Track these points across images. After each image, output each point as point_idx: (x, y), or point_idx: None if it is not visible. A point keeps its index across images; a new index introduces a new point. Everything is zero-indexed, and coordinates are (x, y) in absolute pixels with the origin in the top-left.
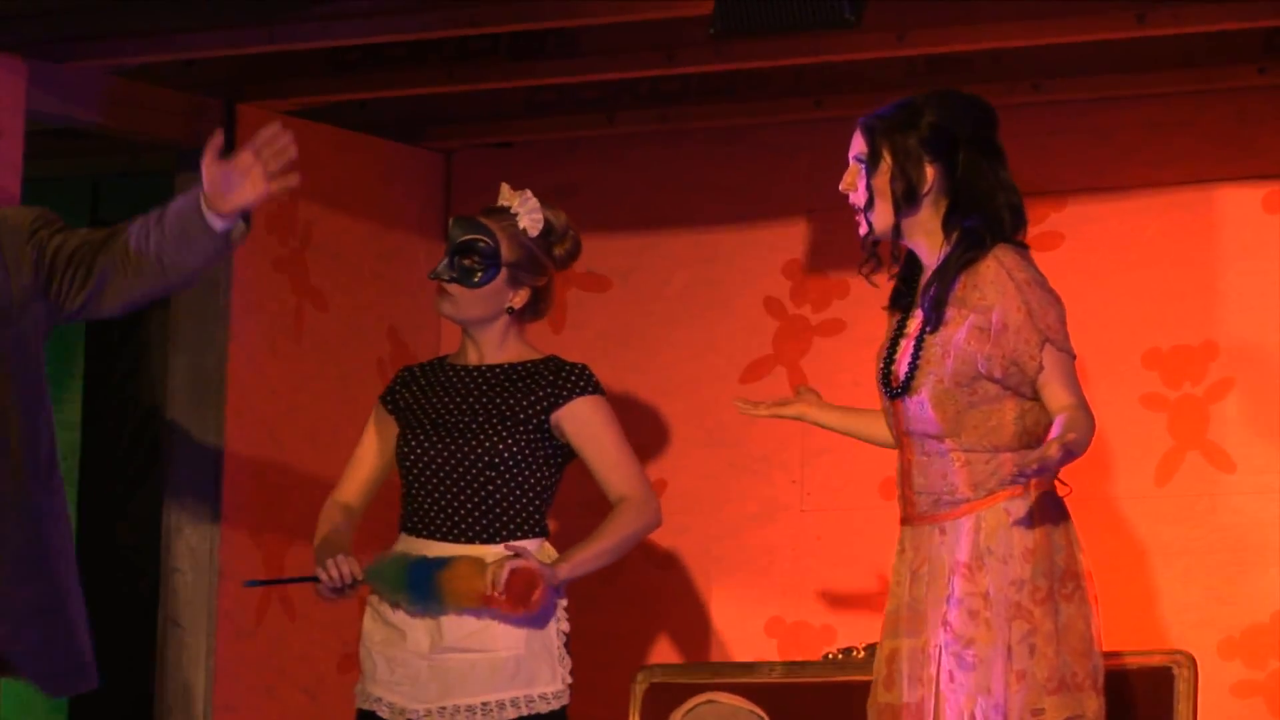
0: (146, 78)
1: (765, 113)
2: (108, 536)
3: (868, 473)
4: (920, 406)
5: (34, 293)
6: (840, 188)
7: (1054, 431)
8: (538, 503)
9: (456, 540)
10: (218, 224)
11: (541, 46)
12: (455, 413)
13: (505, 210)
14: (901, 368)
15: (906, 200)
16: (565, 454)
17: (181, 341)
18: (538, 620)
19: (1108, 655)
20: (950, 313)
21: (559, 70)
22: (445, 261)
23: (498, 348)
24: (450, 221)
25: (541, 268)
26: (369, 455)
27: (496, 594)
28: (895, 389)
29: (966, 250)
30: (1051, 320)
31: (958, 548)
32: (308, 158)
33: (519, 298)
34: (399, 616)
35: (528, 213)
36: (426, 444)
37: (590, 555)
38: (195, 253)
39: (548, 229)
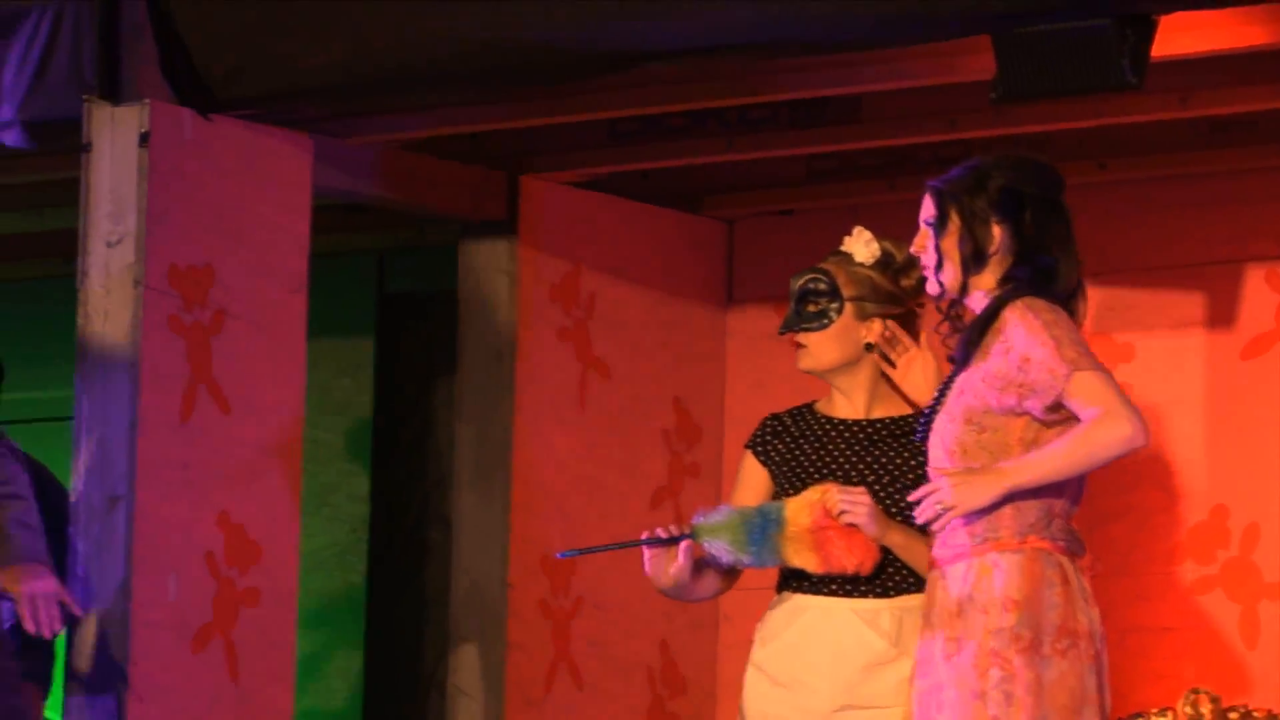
0: (431, 151)
1: None
2: (397, 607)
3: (1160, 537)
4: (935, 445)
5: None
6: (912, 250)
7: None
8: None
9: (849, 596)
10: None
11: (822, 114)
12: (838, 472)
13: (842, 253)
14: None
15: (974, 261)
16: None
17: (468, 412)
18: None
19: None
20: (975, 356)
21: (840, 137)
22: (789, 314)
23: (870, 398)
24: (790, 280)
25: (889, 296)
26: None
27: (828, 522)
28: (920, 433)
29: (1003, 298)
30: (1078, 351)
31: (950, 595)
32: (590, 228)
33: (872, 331)
34: (791, 675)
35: (862, 245)
36: None
37: (908, 543)
38: None
39: (886, 259)
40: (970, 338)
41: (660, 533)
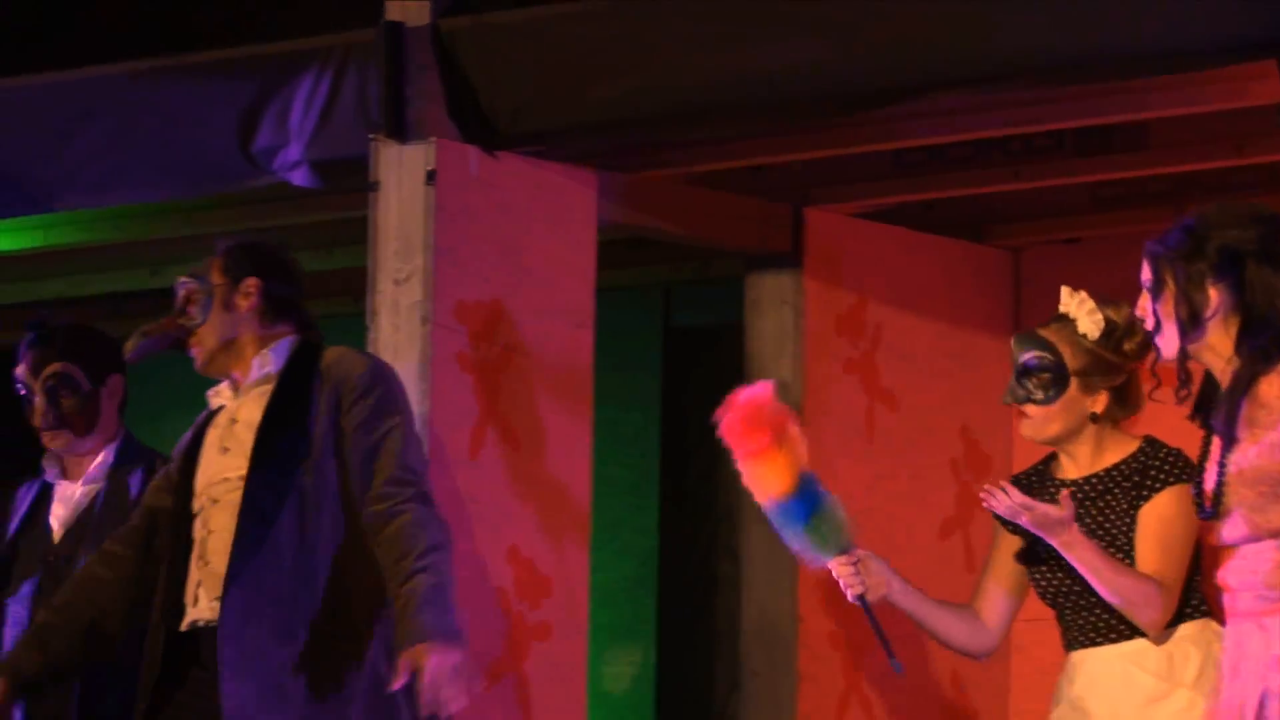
0: (714, 184)
1: None
2: (686, 640)
3: None
4: (1234, 525)
5: (329, 448)
6: (1136, 312)
7: None
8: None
9: (1115, 642)
10: None
11: (1108, 141)
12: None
13: (1064, 317)
14: (1208, 490)
15: (1191, 325)
16: None
17: None
18: None
19: None
20: (1242, 433)
21: (1126, 164)
22: (1013, 383)
23: (1093, 453)
24: (1012, 342)
25: (1112, 368)
26: (993, 568)
27: None
28: (1206, 511)
29: (1251, 368)
30: None
31: (1274, 642)
32: (875, 259)
33: (1097, 403)
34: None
35: (1086, 315)
36: (1046, 576)
37: (1096, 562)
38: None
39: (1110, 328)
40: (1229, 414)
41: (849, 580)
